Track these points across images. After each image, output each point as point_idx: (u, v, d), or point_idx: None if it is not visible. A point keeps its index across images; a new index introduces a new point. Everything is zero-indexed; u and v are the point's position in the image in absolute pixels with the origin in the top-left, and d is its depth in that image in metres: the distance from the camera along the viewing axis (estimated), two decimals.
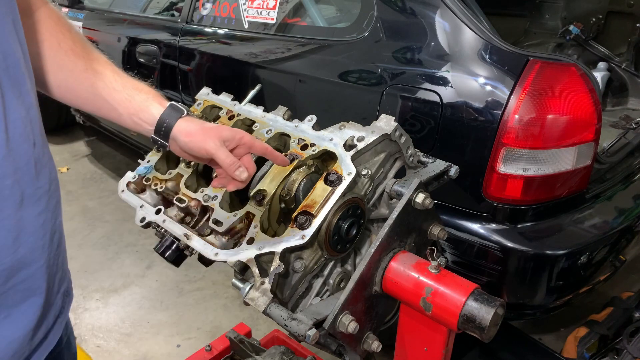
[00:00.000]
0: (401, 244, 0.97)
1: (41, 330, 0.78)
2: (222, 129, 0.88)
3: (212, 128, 0.88)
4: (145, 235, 3.04)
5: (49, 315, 0.79)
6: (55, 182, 0.77)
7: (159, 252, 1.11)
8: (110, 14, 3.25)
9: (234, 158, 0.87)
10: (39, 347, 0.78)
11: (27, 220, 0.70)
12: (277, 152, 0.93)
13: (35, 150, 0.71)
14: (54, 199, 0.76)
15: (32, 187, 0.70)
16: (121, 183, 1.15)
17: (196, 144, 0.87)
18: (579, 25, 3.04)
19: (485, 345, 1.71)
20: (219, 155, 0.86)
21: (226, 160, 0.86)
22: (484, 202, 1.55)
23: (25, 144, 0.69)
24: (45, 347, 0.80)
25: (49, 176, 0.75)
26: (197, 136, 0.87)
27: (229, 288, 2.62)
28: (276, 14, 2.10)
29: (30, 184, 0.70)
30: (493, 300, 0.84)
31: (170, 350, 2.24)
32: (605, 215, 1.72)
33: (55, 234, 0.78)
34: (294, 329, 0.85)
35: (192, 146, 0.87)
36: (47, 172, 0.74)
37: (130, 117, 0.90)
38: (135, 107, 0.90)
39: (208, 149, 0.86)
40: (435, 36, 1.60)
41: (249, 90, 1.26)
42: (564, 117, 1.47)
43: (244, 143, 0.89)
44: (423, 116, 1.58)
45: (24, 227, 0.69)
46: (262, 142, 0.94)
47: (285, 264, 0.88)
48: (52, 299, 0.79)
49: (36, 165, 0.71)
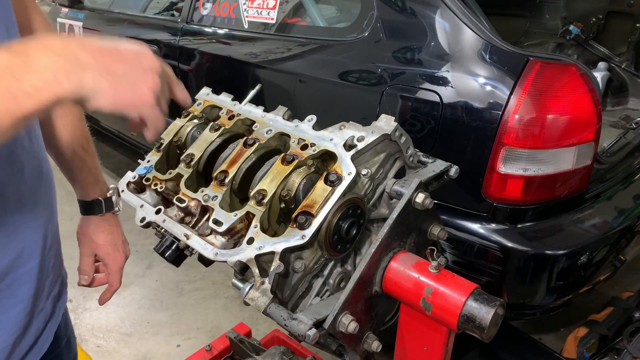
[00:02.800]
0: (401, 244, 0.97)
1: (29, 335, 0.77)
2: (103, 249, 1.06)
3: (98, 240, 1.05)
4: (145, 235, 3.03)
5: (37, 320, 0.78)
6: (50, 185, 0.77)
7: (159, 252, 1.11)
8: (110, 14, 3.25)
9: (89, 269, 1.06)
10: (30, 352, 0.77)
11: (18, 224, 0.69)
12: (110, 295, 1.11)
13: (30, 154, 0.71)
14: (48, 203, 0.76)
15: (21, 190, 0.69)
16: (121, 183, 1.15)
17: (78, 238, 1.05)
18: (579, 25, 3.04)
19: (485, 345, 1.71)
20: (81, 259, 1.06)
21: (82, 266, 1.06)
22: (484, 202, 1.55)
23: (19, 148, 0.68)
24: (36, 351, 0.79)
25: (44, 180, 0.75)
26: (83, 237, 1.05)
27: (229, 288, 2.62)
28: (276, 14, 2.10)
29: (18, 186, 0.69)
30: (493, 300, 0.84)
31: (170, 350, 2.24)
32: (605, 215, 1.72)
33: (48, 238, 0.77)
34: (294, 329, 0.85)
35: (77, 237, 1.06)
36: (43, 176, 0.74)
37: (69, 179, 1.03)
38: (74, 179, 1.02)
39: (80, 250, 1.05)
40: (435, 36, 1.60)
41: (249, 90, 1.26)
42: (564, 117, 1.47)
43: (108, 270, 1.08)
44: (423, 116, 1.58)
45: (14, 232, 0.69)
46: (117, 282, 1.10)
47: (285, 264, 0.88)
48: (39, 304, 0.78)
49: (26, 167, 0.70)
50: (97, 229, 1.04)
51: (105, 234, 1.05)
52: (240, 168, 1.02)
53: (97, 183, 1.03)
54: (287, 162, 0.97)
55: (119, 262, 1.08)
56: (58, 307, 0.87)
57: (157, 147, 1.15)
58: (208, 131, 1.12)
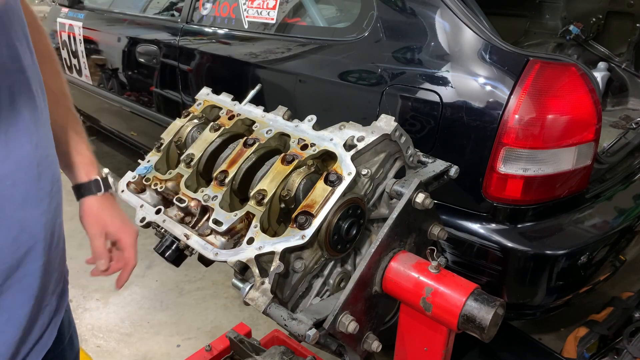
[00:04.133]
0: (401, 244, 0.97)
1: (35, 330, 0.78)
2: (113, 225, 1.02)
3: (105, 217, 1.02)
4: (145, 235, 3.02)
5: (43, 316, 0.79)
6: (57, 183, 0.78)
7: (159, 252, 1.11)
8: (110, 14, 3.25)
9: (104, 251, 1.02)
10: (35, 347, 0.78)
11: (28, 220, 0.70)
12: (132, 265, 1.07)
13: (38, 151, 0.71)
14: (55, 200, 0.77)
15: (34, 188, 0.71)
16: (121, 183, 1.15)
17: (85, 222, 1.01)
18: (579, 25, 3.04)
19: (485, 345, 1.71)
20: (93, 242, 1.02)
21: (96, 249, 1.02)
22: (484, 202, 1.55)
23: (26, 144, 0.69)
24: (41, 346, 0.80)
25: (51, 178, 0.75)
26: (89, 218, 1.01)
27: (229, 288, 2.62)
28: (276, 14, 2.10)
29: (32, 184, 0.70)
30: (493, 300, 0.84)
31: (170, 350, 2.24)
32: (605, 215, 1.72)
33: (55, 235, 0.78)
34: (294, 329, 0.85)
35: (82, 222, 1.02)
36: (50, 174, 0.75)
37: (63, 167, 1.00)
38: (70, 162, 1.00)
39: (89, 233, 1.01)
40: (435, 36, 1.60)
41: (249, 90, 1.27)
42: (564, 117, 1.47)
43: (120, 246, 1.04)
44: (423, 116, 1.58)
45: (24, 227, 0.70)
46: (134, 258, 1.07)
47: (285, 264, 0.88)
48: (46, 299, 0.79)
49: (38, 166, 0.71)
50: (102, 206, 1.02)
51: (112, 210, 1.03)
52: (240, 168, 1.02)
53: (93, 163, 1.02)
54: (287, 162, 0.97)
55: (132, 235, 1.05)
56: (62, 303, 0.88)
57: (157, 147, 1.16)
58: (208, 131, 1.12)
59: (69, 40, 3.46)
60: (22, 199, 0.69)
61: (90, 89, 3.46)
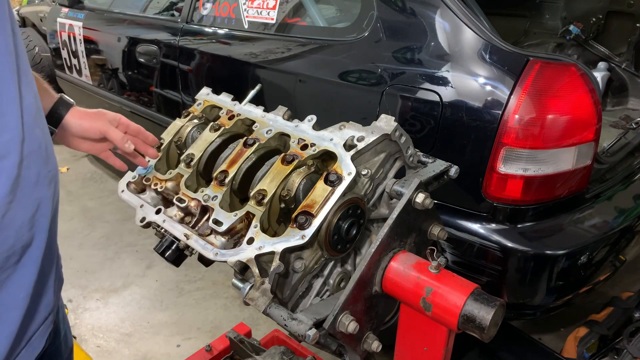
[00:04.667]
0: (401, 244, 0.97)
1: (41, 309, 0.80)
2: (106, 112, 1.03)
3: (98, 112, 1.03)
4: (145, 235, 3.03)
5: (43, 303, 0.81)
6: (57, 168, 0.81)
7: (159, 252, 1.11)
8: (110, 14, 3.25)
9: (122, 134, 1.03)
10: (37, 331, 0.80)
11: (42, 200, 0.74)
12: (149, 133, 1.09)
13: (44, 136, 0.75)
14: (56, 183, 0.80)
15: (44, 170, 0.74)
16: (121, 183, 1.15)
17: (89, 123, 1.01)
18: (579, 25, 3.04)
19: (485, 345, 1.71)
20: (110, 132, 1.01)
21: (117, 136, 1.02)
22: (484, 202, 1.55)
23: (36, 129, 0.72)
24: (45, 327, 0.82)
25: (54, 162, 0.79)
26: (88, 118, 1.01)
27: (229, 288, 2.62)
28: (276, 14, 2.10)
29: (42, 166, 0.74)
30: (493, 300, 0.84)
31: (170, 350, 2.24)
32: (605, 215, 1.72)
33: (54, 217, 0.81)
34: (294, 329, 0.85)
35: (86, 126, 1.01)
36: (54, 158, 0.79)
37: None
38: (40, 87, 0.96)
39: (100, 128, 1.01)
40: (435, 36, 1.60)
41: (249, 90, 1.27)
42: (564, 117, 1.47)
43: (122, 123, 1.04)
44: (423, 116, 1.58)
45: (39, 207, 0.73)
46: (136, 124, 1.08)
47: (285, 264, 0.88)
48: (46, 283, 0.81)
49: (46, 149, 0.75)
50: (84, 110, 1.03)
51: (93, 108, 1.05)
52: (240, 168, 1.02)
53: (49, 89, 1.03)
54: (287, 162, 0.97)
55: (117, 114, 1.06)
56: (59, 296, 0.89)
57: (157, 147, 1.16)
58: (208, 131, 1.12)
59: (69, 40, 3.46)
60: (35, 179, 0.72)
61: (90, 89, 3.47)
